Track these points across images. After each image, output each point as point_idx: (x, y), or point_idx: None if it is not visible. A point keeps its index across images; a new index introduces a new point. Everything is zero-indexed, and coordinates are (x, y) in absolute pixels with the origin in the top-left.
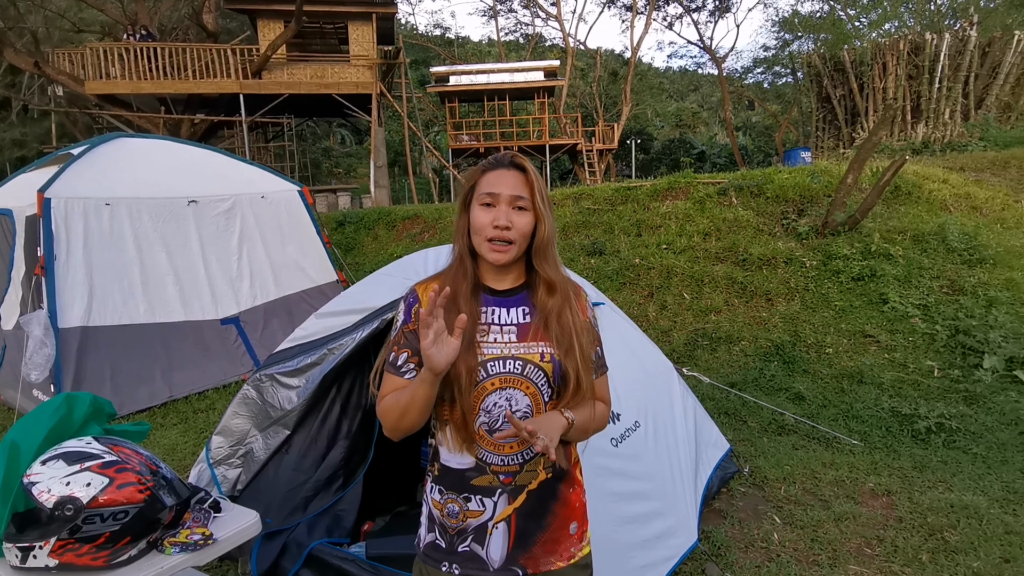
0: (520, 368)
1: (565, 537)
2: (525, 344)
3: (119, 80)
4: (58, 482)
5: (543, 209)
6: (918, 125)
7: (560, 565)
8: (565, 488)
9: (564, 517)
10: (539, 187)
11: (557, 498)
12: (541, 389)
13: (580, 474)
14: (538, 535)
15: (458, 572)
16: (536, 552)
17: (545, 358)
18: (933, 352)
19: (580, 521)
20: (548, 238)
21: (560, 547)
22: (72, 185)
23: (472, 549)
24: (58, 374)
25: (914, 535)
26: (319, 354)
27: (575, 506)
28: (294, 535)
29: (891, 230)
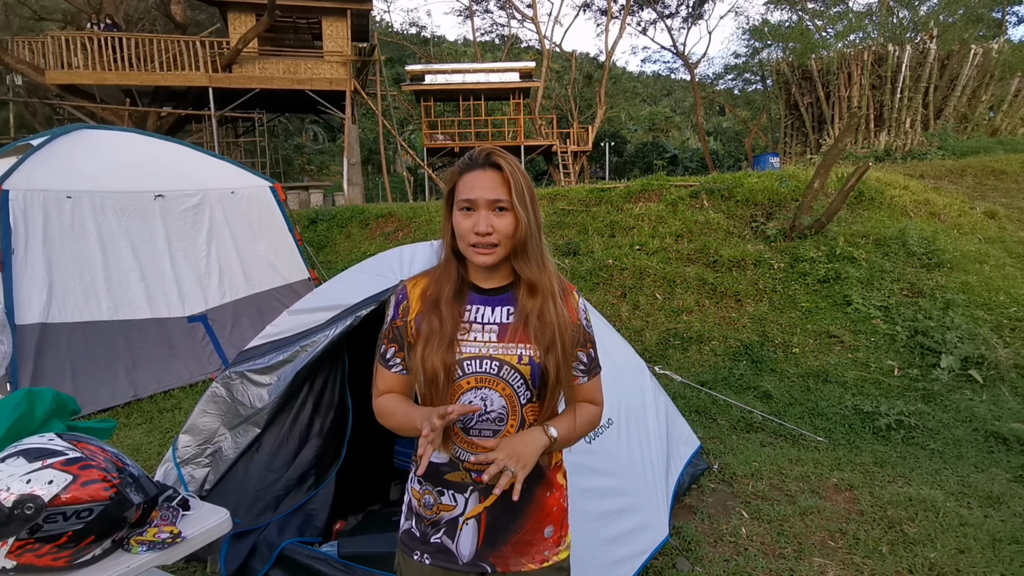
0: (496, 369)
1: (539, 540)
2: (504, 344)
3: (82, 71)
4: (18, 480)
5: (520, 208)
6: (881, 133)
7: (531, 567)
8: (541, 491)
9: (538, 520)
10: (517, 184)
11: (531, 501)
12: (517, 391)
13: (563, 478)
14: (508, 535)
15: (428, 562)
16: (506, 552)
17: (523, 360)
18: (893, 352)
19: (557, 526)
20: (525, 237)
21: (532, 549)
22: (31, 177)
23: (443, 542)
24: (15, 372)
25: (875, 528)
26: (291, 351)
27: (551, 510)
28: (264, 535)
29: (855, 234)
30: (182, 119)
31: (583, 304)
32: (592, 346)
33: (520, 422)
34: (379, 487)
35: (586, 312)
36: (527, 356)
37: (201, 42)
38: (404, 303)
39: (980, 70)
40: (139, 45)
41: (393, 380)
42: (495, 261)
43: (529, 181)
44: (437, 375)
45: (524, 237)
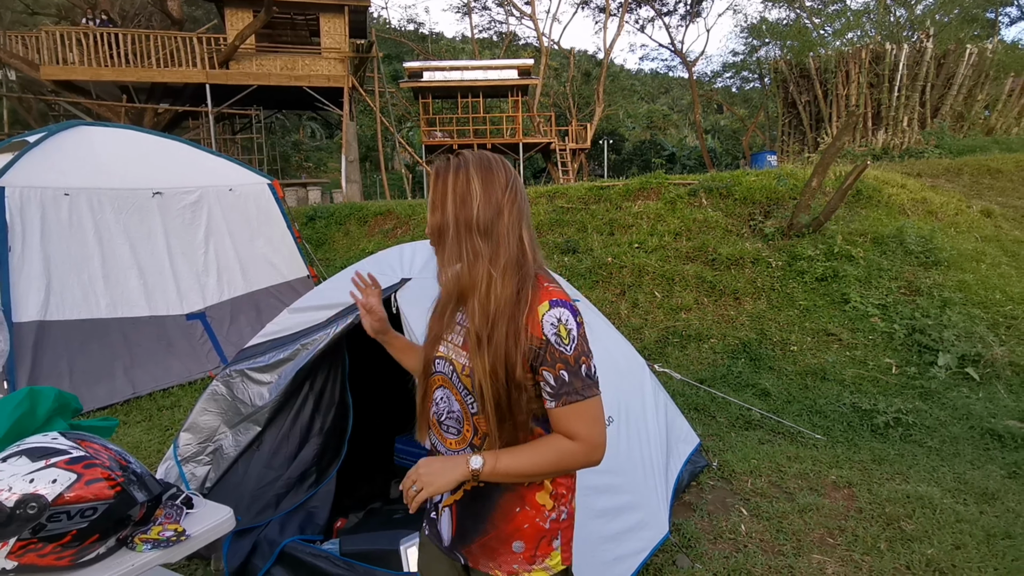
0: (450, 372)
1: (506, 551)
2: (459, 349)
3: (77, 66)
4: (20, 479)
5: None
6: (878, 132)
7: (499, 574)
8: (508, 503)
9: (505, 532)
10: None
11: (495, 508)
12: (465, 399)
13: (549, 499)
14: (475, 536)
15: (427, 533)
16: (475, 550)
17: (466, 370)
18: (891, 350)
19: (531, 544)
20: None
21: (500, 558)
22: (28, 174)
23: (435, 519)
24: (12, 371)
25: (873, 525)
26: (292, 350)
27: (522, 527)
28: (265, 533)
29: (853, 232)
30: (179, 116)
31: (555, 316)
32: (565, 367)
33: (473, 430)
34: (379, 485)
35: (559, 327)
36: (469, 367)
37: (198, 38)
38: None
39: (975, 69)
40: (135, 41)
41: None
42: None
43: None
44: (420, 367)
45: (436, 233)
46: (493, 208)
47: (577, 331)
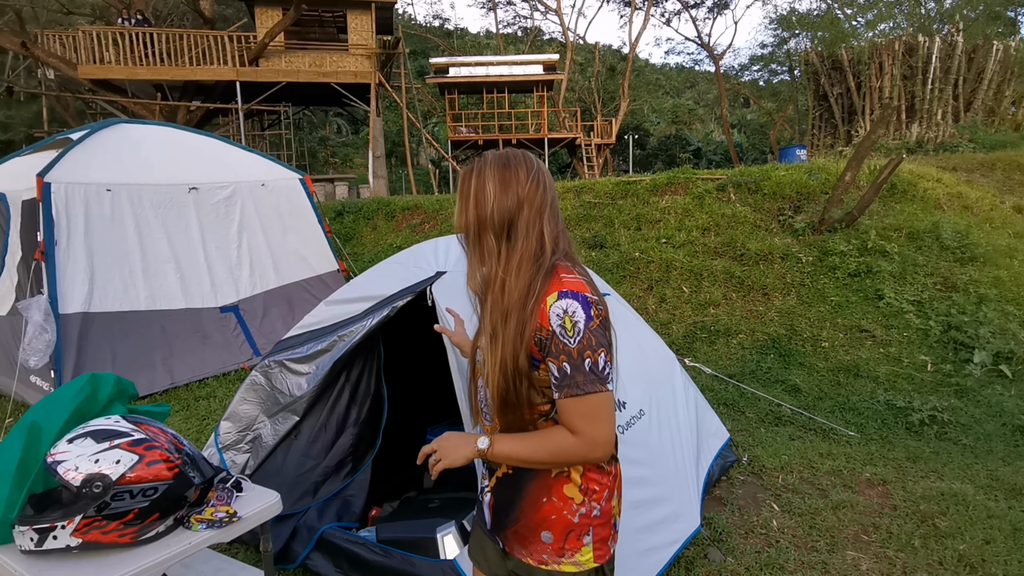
0: (483, 361)
1: (535, 540)
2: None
3: (113, 65)
4: (86, 460)
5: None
6: (912, 125)
7: (530, 562)
8: (536, 492)
9: (534, 521)
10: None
11: (523, 496)
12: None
13: (580, 493)
14: (508, 522)
15: (475, 515)
16: (510, 535)
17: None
18: (927, 347)
19: (559, 536)
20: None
21: (531, 546)
22: (72, 170)
23: (481, 503)
24: (58, 360)
25: (907, 522)
26: (329, 341)
27: (550, 518)
28: (304, 519)
29: (887, 227)
30: (210, 112)
31: (562, 308)
32: (568, 360)
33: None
34: (412, 475)
35: (565, 318)
36: None
37: (229, 36)
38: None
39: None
40: (169, 40)
41: None
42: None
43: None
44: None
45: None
46: (510, 206)
47: (585, 324)
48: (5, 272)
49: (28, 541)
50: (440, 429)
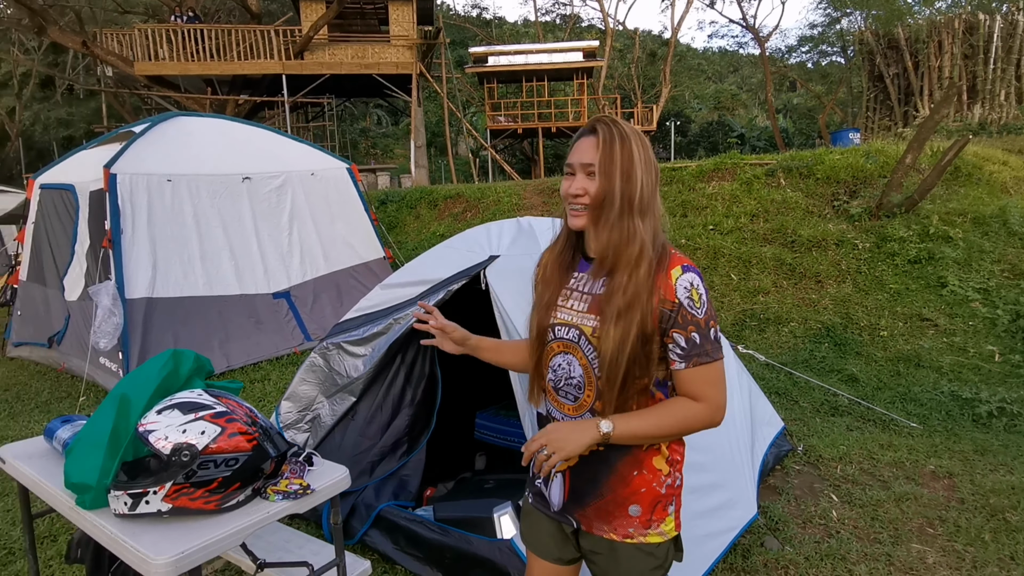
0: (576, 337)
1: (622, 515)
2: (587, 315)
3: (167, 62)
4: (174, 430)
5: (600, 173)
6: (974, 105)
7: (614, 537)
8: (626, 467)
9: (622, 495)
10: (607, 149)
11: (612, 472)
12: (592, 363)
13: (665, 464)
14: (590, 499)
15: (531, 502)
16: (589, 513)
17: (596, 333)
18: (994, 337)
19: (647, 508)
20: (601, 203)
21: (615, 521)
22: (136, 162)
23: (541, 487)
24: (126, 342)
25: (976, 515)
26: (385, 324)
27: (639, 490)
28: (362, 497)
29: (950, 212)
30: (257, 106)
31: (688, 281)
32: (697, 330)
33: (596, 393)
34: (464, 457)
35: (692, 291)
36: (600, 330)
37: (275, 31)
38: (536, 268)
39: None
40: (218, 36)
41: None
42: (582, 225)
43: (633, 150)
44: (534, 333)
45: (599, 203)
46: (650, 186)
47: (706, 295)
48: (75, 260)
49: (122, 505)
50: (490, 413)
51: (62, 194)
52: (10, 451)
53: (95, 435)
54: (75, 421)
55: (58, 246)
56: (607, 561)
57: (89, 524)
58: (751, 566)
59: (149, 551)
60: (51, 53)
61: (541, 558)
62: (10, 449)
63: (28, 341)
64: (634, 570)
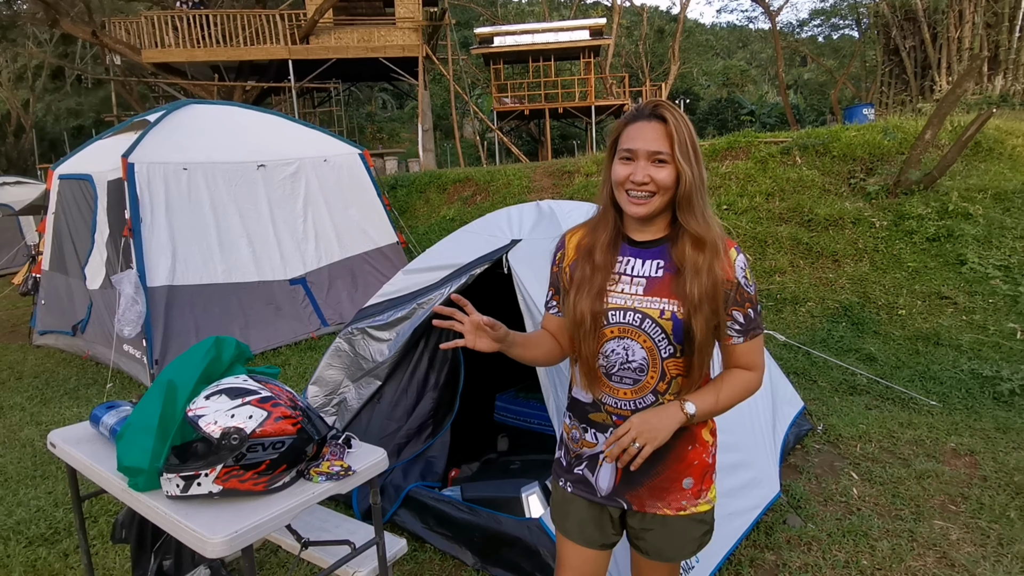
0: (639, 321)
1: (676, 489)
2: (648, 298)
3: (174, 49)
4: (223, 414)
5: (682, 162)
6: (996, 77)
7: (667, 512)
8: (682, 444)
9: (677, 470)
10: (681, 137)
11: (670, 452)
12: (658, 344)
13: (710, 435)
14: (645, 479)
15: (570, 490)
16: (642, 493)
17: (665, 315)
18: (1015, 314)
19: (698, 479)
20: (690, 190)
21: (669, 496)
22: (152, 151)
23: (584, 474)
24: (149, 330)
25: (1000, 493)
26: (408, 309)
27: (692, 463)
28: (390, 478)
29: (970, 188)
30: (264, 92)
31: (743, 261)
32: (751, 306)
33: (660, 374)
34: (487, 439)
35: (746, 270)
36: (670, 311)
37: (280, 15)
38: (561, 252)
39: None
40: (224, 21)
41: (549, 321)
42: (648, 212)
43: (694, 136)
44: (584, 320)
45: (689, 191)
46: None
47: (752, 273)
48: (95, 249)
49: (175, 487)
50: (509, 396)
51: (80, 184)
52: (60, 436)
53: (145, 420)
54: (119, 407)
55: (78, 236)
56: (659, 536)
57: (143, 505)
58: (774, 543)
59: (205, 530)
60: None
61: (582, 545)
62: (59, 434)
63: (53, 329)
64: (688, 539)
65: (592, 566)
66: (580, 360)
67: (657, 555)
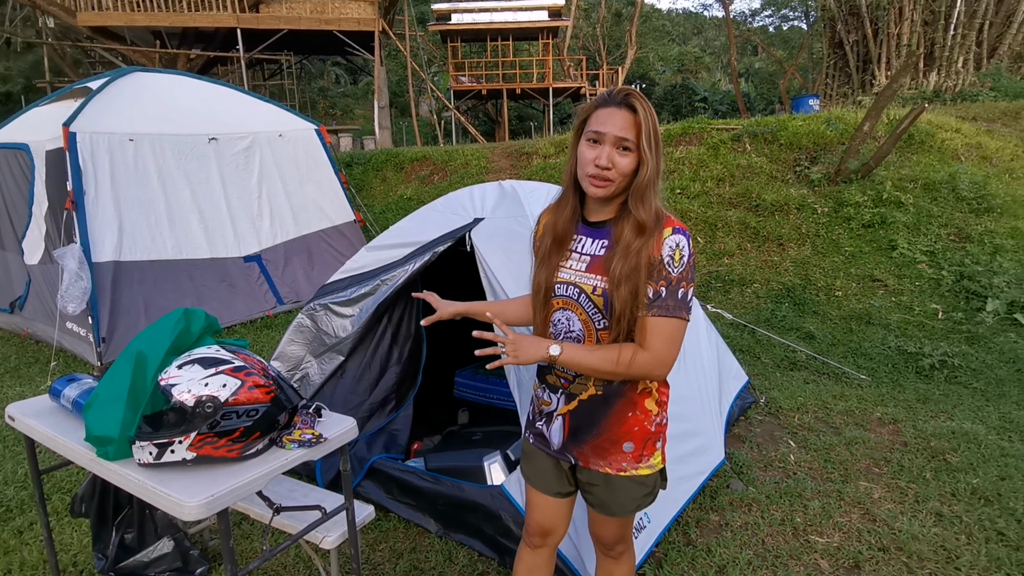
0: (576, 295)
1: (616, 451)
2: (587, 275)
3: (112, 12)
4: (197, 383)
5: (647, 152)
6: (930, 73)
7: (609, 471)
8: (622, 408)
9: (617, 433)
10: (648, 128)
11: (608, 415)
12: (593, 317)
13: (655, 405)
14: (587, 438)
15: (532, 441)
16: (586, 450)
17: (597, 291)
18: (938, 296)
19: (639, 445)
20: (648, 181)
21: (609, 456)
22: (96, 120)
23: (542, 429)
24: (95, 307)
25: (918, 457)
26: (372, 285)
27: (633, 429)
28: (354, 450)
29: (903, 178)
30: (210, 61)
31: (676, 243)
32: (667, 286)
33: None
34: (447, 413)
35: (675, 251)
36: (601, 288)
37: None
38: (536, 227)
39: None
40: None
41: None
42: (607, 195)
43: (658, 128)
44: (540, 291)
45: (646, 180)
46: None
47: (688, 259)
48: (33, 222)
49: (147, 455)
50: (469, 372)
51: (16, 154)
52: (17, 409)
53: (114, 390)
54: (81, 380)
55: (14, 208)
56: (603, 491)
57: (114, 474)
58: (718, 505)
59: (181, 495)
60: None
61: (542, 492)
62: (17, 407)
63: None
64: (627, 498)
65: (553, 509)
66: (535, 326)
67: (601, 508)
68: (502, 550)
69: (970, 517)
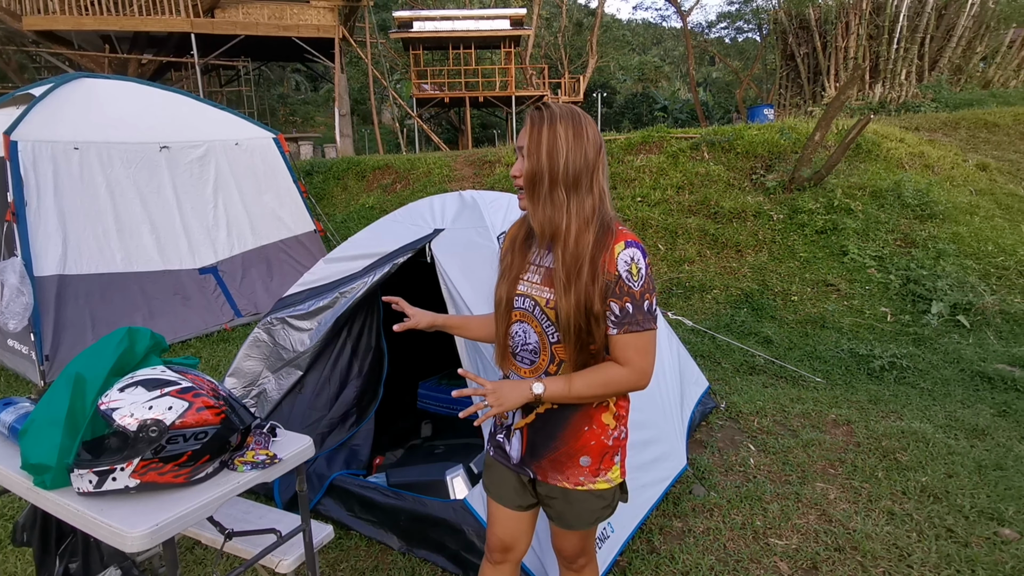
0: (531, 307)
1: (573, 465)
2: (540, 287)
3: (59, 15)
4: (140, 407)
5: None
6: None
7: (566, 485)
8: (578, 422)
9: (574, 448)
10: (534, 130)
11: (565, 429)
12: (547, 330)
13: (612, 419)
14: (544, 452)
15: (492, 454)
16: (544, 464)
17: (550, 303)
18: (887, 299)
19: (596, 459)
20: (532, 180)
21: (567, 471)
22: (39, 128)
23: (502, 442)
24: (37, 323)
25: (871, 457)
26: (330, 297)
27: (590, 443)
28: (314, 467)
29: (852, 186)
30: (163, 67)
31: (629, 255)
32: (631, 300)
33: (550, 357)
34: (410, 426)
35: (632, 265)
36: (552, 300)
37: None
38: (504, 242)
39: (976, 21)
40: None
41: None
42: (523, 204)
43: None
44: (500, 303)
45: (531, 180)
46: (580, 162)
47: (646, 270)
48: None
49: (87, 484)
50: (432, 383)
51: None
52: None
53: (51, 415)
54: (18, 404)
55: None
56: (561, 505)
57: (52, 504)
58: (681, 511)
59: (123, 524)
60: None
61: (503, 505)
62: None
63: None
64: (586, 511)
65: (515, 523)
66: (496, 338)
67: (560, 522)
68: (466, 565)
69: (920, 515)
